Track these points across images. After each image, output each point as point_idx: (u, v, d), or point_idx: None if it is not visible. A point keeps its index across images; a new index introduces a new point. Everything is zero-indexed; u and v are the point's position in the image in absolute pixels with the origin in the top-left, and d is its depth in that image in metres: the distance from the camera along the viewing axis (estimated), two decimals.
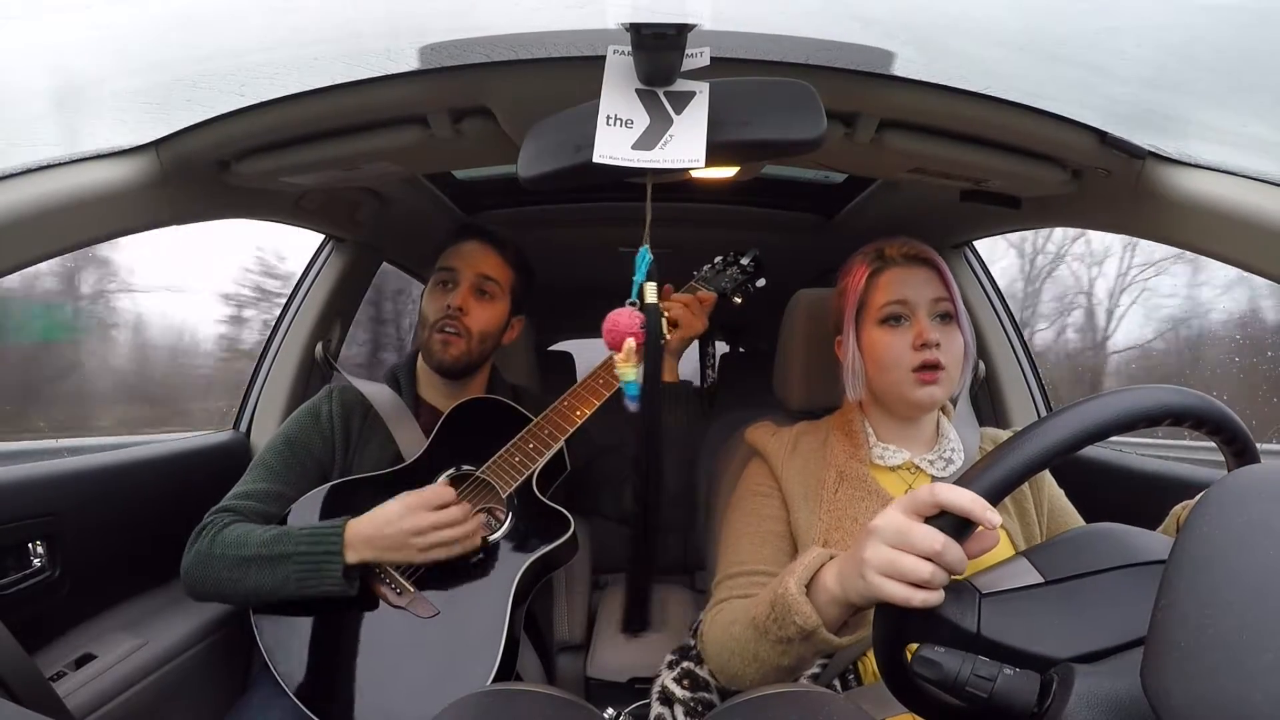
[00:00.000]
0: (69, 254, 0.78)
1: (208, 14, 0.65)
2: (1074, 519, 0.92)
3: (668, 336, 1.03)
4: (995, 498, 0.51)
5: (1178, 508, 0.74)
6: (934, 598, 0.52)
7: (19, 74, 0.69)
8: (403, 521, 0.90)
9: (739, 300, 1.15)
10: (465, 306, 1.10)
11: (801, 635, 0.66)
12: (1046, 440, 0.51)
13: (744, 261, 1.16)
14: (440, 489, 0.94)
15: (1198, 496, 0.69)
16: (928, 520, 0.54)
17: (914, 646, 0.52)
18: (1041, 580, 0.54)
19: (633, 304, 0.67)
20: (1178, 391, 0.52)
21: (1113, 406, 0.51)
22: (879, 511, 0.84)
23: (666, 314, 1.04)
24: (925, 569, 0.52)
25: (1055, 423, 0.51)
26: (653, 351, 0.67)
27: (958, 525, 0.52)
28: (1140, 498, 0.87)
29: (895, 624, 0.55)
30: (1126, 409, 0.51)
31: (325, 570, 0.89)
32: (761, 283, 1.17)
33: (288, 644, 0.92)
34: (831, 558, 0.68)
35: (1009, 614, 0.52)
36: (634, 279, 0.66)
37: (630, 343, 0.65)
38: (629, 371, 0.66)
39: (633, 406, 0.70)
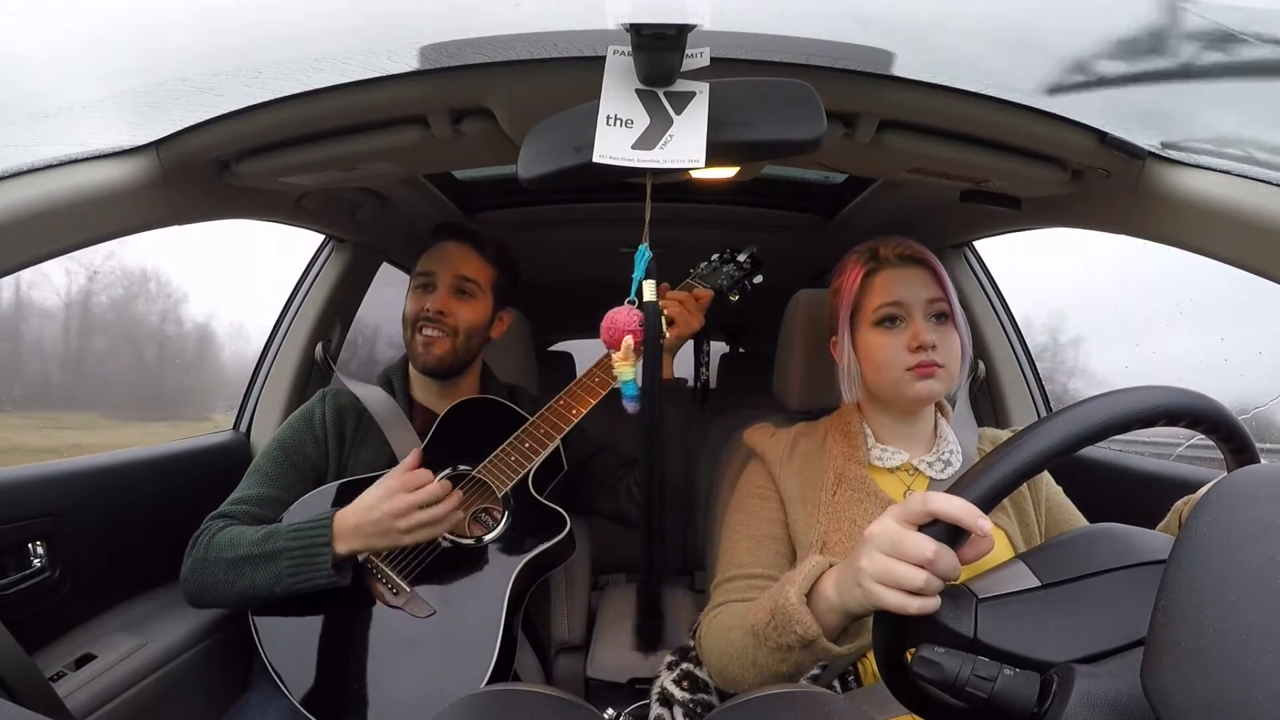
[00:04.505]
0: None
1: (208, 14, 0.65)
2: (1074, 516, 0.92)
3: (666, 335, 1.03)
4: (988, 505, 0.51)
5: (1179, 503, 0.74)
6: (930, 604, 0.52)
7: (18, 74, 0.69)
8: (382, 505, 0.89)
9: (736, 298, 1.15)
10: (446, 308, 1.10)
11: (802, 644, 0.66)
12: (1038, 446, 0.51)
13: (740, 258, 1.16)
14: (416, 472, 0.92)
15: (1199, 491, 0.69)
16: (921, 528, 0.54)
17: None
18: (1038, 584, 0.54)
19: (631, 302, 0.67)
20: (1173, 391, 0.52)
21: (1105, 409, 0.51)
22: (877, 513, 0.84)
23: (664, 312, 1.04)
24: (919, 577, 0.52)
25: (1047, 428, 0.51)
26: (652, 350, 0.66)
27: (951, 532, 0.52)
28: (1140, 498, 0.87)
29: (894, 630, 0.55)
30: (1119, 411, 0.51)
31: (315, 563, 0.89)
32: (759, 280, 1.16)
33: (286, 645, 0.92)
34: (830, 565, 0.68)
35: (1006, 618, 0.52)
36: (633, 276, 0.66)
37: (628, 341, 0.65)
38: (627, 370, 0.66)
39: (631, 407, 0.69)
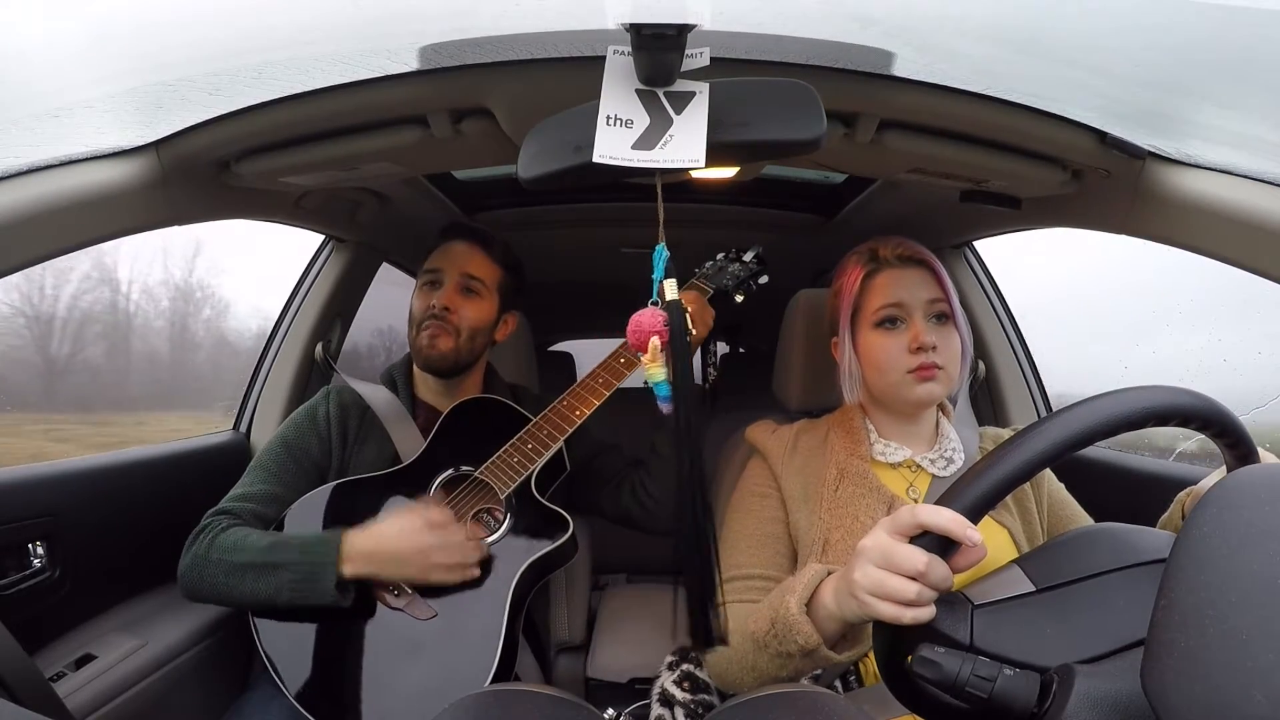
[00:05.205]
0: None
1: (208, 14, 0.65)
2: (1076, 513, 0.92)
3: (694, 332, 1.03)
4: (977, 514, 0.51)
5: (1182, 494, 0.74)
6: (924, 614, 0.53)
7: (19, 74, 0.69)
8: (409, 539, 0.90)
9: (740, 298, 1.15)
10: (451, 305, 1.10)
11: (803, 653, 0.66)
12: (1025, 453, 0.50)
13: (746, 258, 1.16)
14: (442, 511, 0.94)
15: (1202, 482, 0.69)
16: (912, 539, 0.54)
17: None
18: (1033, 589, 0.54)
19: (654, 303, 0.67)
20: (1167, 391, 0.52)
21: (1099, 412, 0.50)
22: (880, 509, 0.84)
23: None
24: (911, 589, 0.52)
25: (1038, 433, 0.51)
26: (680, 347, 0.66)
27: (941, 543, 0.52)
28: (1140, 498, 0.87)
29: (892, 638, 0.55)
30: (1115, 414, 0.50)
31: (319, 582, 0.89)
32: (764, 279, 1.17)
33: (286, 645, 0.92)
34: (829, 573, 0.68)
35: (1001, 624, 0.52)
36: (653, 277, 0.66)
37: (655, 341, 0.65)
38: (658, 372, 0.66)
39: (666, 408, 0.69)
